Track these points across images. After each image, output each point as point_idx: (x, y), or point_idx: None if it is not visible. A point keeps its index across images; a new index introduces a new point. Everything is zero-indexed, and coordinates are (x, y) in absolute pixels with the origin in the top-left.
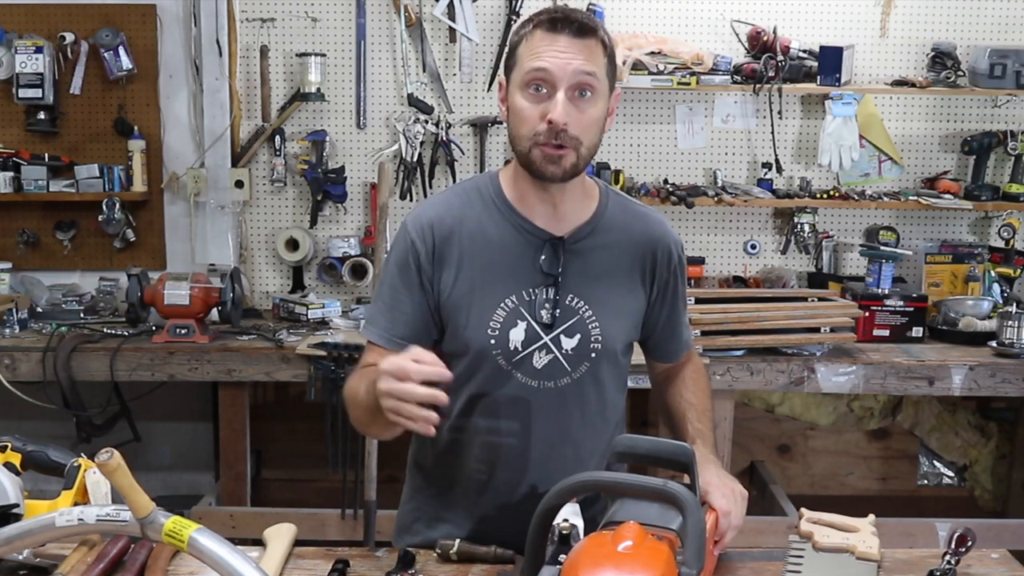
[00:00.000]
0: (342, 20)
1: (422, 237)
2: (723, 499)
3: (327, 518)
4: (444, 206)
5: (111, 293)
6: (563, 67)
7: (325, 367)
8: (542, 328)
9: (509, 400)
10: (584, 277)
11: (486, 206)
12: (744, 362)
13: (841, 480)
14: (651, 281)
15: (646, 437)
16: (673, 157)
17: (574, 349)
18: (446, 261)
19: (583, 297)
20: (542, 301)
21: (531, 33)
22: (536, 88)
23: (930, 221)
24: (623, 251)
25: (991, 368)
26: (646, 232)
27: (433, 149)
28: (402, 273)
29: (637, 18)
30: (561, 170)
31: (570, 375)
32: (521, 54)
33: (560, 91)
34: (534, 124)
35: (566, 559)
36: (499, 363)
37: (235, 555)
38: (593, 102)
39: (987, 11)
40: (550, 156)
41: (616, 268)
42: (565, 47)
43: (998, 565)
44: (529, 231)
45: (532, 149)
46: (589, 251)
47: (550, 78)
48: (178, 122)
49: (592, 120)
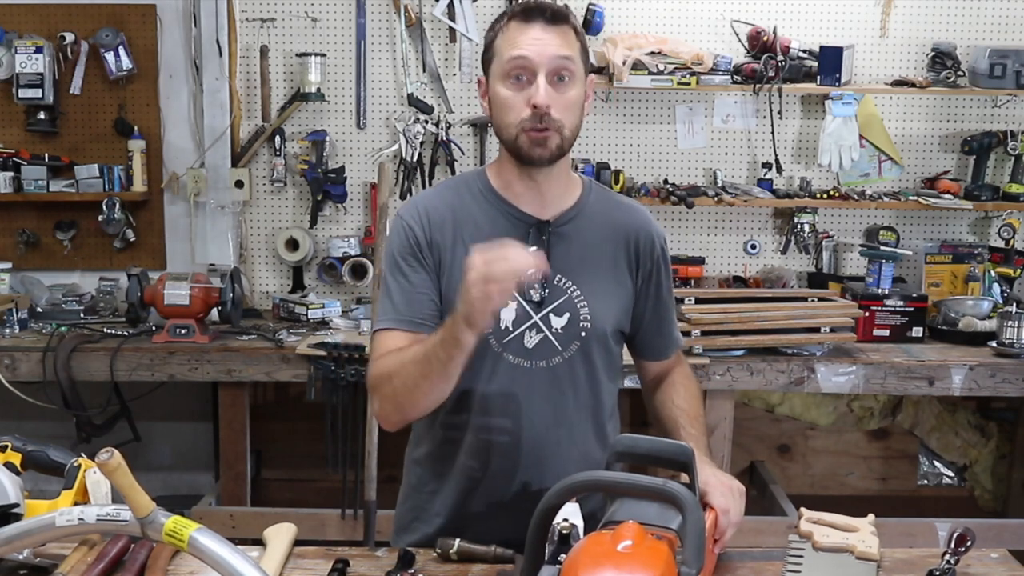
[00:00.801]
0: (342, 20)
1: (419, 222)
2: (721, 497)
3: (327, 518)
4: (436, 197)
5: (111, 293)
6: (541, 53)
7: (325, 367)
8: (532, 307)
9: (501, 382)
10: (570, 259)
11: (474, 197)
12: (744, 362)
13: (841, 480)
14: (636, 268)
15: (646, 437)
16: (673, 157)
17: (564, 328)
18: (440, 247)
19: (570, 277)
20: (531, 281)
21: (506, 26)
22: (517, 77)
23: (930, 221)
24: (606, 237)
25: (991, 368)
26: (629, 220)
27: (433, 149)
28: (405, 259)
29: (637, 18)
30: (548, 151)
31: (561, 354)
32: (499, 46)
33: (540, 76)
34: (519, 111)
35: (566, 559)
36: (490, 344)
37: (235, 555)
38: (572, 85)
39: (987, 11)
40: (536, 139)
41: (600, 252)
42: (540, 34)
43: (998, 565)
44: (516, 216)
45: (519, 136)
46: (574, 234)
47: (530, 65)
48: (178, 122)
49: (572, 102)
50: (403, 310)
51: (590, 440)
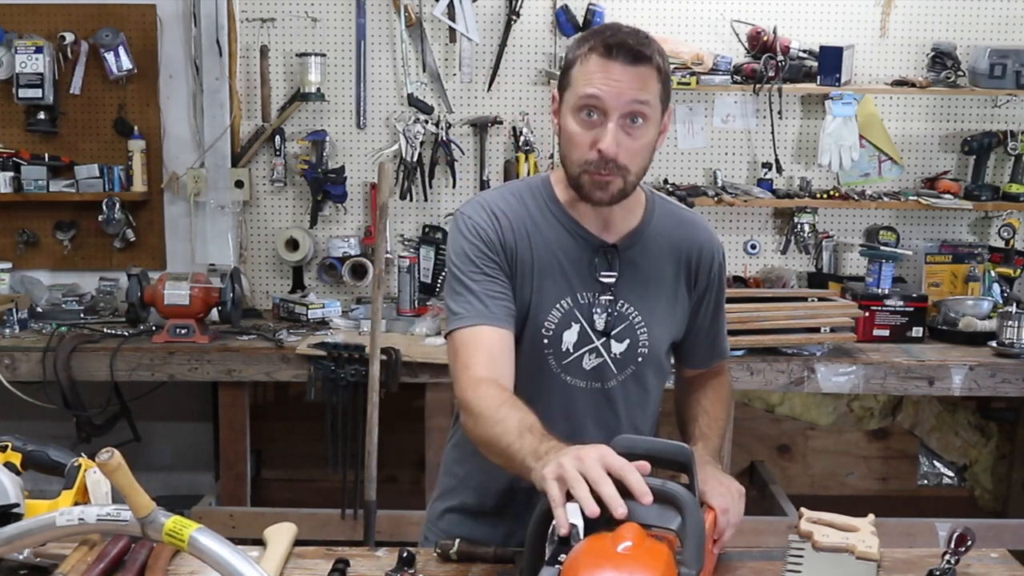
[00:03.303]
0: (342, 20)
1: (490, 223)
2: (720, 497)
3: (327, 518)
4: (501, 200)
5: (111, 293)
6: (616, 96)
7: (325, 367)
8: (595, 333)
9: (555, 401)
10: (634, 284)
11: (539, 207)
12: (744, 362)
13: (841, 480)
14: (693, 285)
15: (645, 437)
16: (673, 157)
17: (622, 353)
18: (512, 250)
19: (633, 304)
20: (595, 305)
21: (586, 56)
22: (588, 113)
23: (930, 221)
24: (669, 257)
25: (991, 368)
26: (691, 238)
27: (433, 149)
28: (479, 256)
29: (637, 18)
30: (608, 195)
31: (616, 377)
32: (575, 76)
33: (612, 120)
34: (584, 151)
35: (566, 560)
36: (549, 363)
37: (235, 555)
38: (644, 129)
39: (987, 11)
40: (598, 183)
41: (663, 274)
42: (619, 76)
43: (998, 565)
44: (582, 236)
45: (581, 175)
46: (639, 258)
47: (602, 106)
48: (178, 122)
49: (642, 147)
50: (486, 310)
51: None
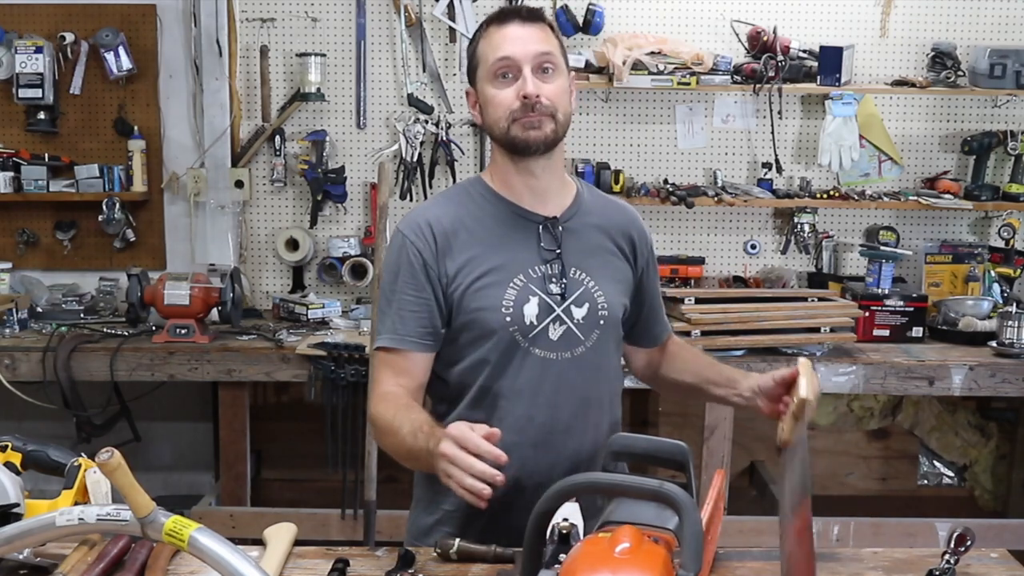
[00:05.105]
0: (342, 20)
1: (421, 236)
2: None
3: (327, 518)
4: (438, 207)
5: (111, 293)
6: (523, 50)
7: (325, 367)
8: (553, 300)
9: (529, 376)
10: (580, 252)
11: (476, 202)
12: (744, 362)
13: (841, 480)
14: (635, 259)
15: (643, 436)
16: (673, 157)
17: (584, 318)
18: (451, 253)
19: (583, 269)
20: (549, 276)
21: (485, 32)
22: (503, 75)
23: (930, 221)
24: (606, 231)
25: (991, 368)
26: (622, 216)
27: (433, 149)
28: (404, 274)
29: (637, 18)
30: (543, 134)
31: (583, 343)
32: (482, 52)
33: (526, 69)
34: (509, 104)
35: (563, 562)
36: (516, 339)
37: (235, 554)
38: (556, 76)
39: (987, 11)
40: (529, 123)
41: (604, 244)
42: (519, 34)
43: (998, 565)
44: (522, 215)
45: (511, 126)
46: (579, 229)
47: (514, 62)
48: (178, 122)
49: (560, 89)
50: (395, 328)
51: (609, 423)
